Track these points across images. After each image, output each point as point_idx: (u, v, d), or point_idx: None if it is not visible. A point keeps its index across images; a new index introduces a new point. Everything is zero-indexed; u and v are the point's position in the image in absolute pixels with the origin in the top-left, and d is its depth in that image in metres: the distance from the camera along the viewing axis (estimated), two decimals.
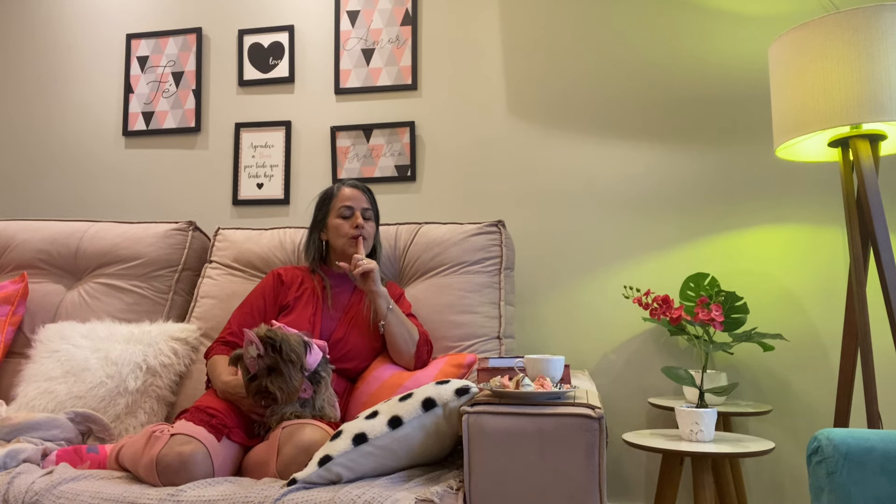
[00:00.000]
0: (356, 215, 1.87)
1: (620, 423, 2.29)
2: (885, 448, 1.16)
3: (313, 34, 2.66)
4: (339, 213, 1.88)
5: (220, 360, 1.72)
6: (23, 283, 2.13)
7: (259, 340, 1.51)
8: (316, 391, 1.60)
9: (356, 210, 1.88)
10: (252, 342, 1.51)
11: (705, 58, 2.36)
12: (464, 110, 2.52)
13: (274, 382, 1.51)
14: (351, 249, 1.85)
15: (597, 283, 2.36)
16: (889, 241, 1.70)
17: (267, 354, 1.51)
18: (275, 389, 1.50)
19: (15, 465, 1.47)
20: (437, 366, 1.77)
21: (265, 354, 1.51)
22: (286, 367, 1.51)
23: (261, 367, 1.51)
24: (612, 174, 2.39)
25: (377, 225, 1.95)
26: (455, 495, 1.26)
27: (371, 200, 1.92)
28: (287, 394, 1.51)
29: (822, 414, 2.17)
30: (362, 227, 1.85)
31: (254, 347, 1.50)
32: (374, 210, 1.93)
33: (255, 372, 1.52)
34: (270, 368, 1.51)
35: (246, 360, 1.53)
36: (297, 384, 1.53)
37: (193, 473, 1.38)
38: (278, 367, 1.51)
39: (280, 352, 1.51)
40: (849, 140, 1.79)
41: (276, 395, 1.50)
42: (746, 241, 2.27)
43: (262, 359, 1.51)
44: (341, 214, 1.88)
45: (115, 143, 2.80)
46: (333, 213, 1.89)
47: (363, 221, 1.87)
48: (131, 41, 2.80)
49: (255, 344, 1.50)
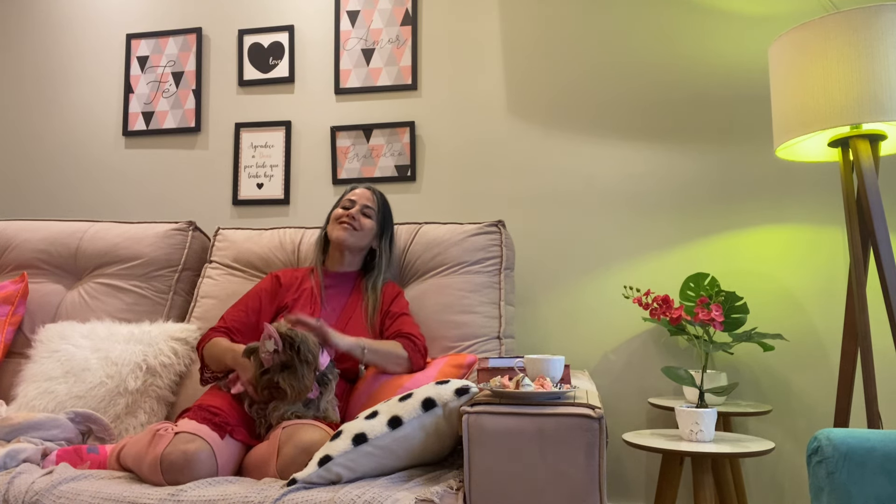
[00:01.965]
0: (354, 208, 1.92)
1: (620, 423, 2.29)
2: (885, 448, 1.16)
3: (313, 34, 2.66)
4: (342, 205, 1.95)
5: (221, 340, 1.74)
6: (23, 283, 2.13)
7: (279, 336, 1.51)
8: (322, 392, 1.61)
9: (357, 204, 1.93)
10: (271, 337, 1.51)
11: (705, 58, 2.36)
12: (464, 110, 2.52)
13: (286, 379, 1.51)
14: (334, 233, 1.90)
15: (597, 284, 2.36)
16: (889, 241, 1.70)
17: (284, 351, 1.52)
18: (286, 386, 1.51)
19: (15, 465, 1.47)
20: (437, 366, 1.77)
21: (283, 351, 1.52)
22: (301, 366, 1.52)
23: (275, 363, 1.52)
24: (612, 174, 2.39)
25: (384, 231, 1.97)
26: (455, 495, 1.26)
27: (379, 203, 1.96)
28: (297, 392, 1.52)
29: (822, 414, 2.17)
30: (353, 218, 1.90)
31: (272, 342, 1.51)
32: (379, 212, 1.95)
33: (269, 367, 1.52)
34: (285, 365, 1.52)
35: (261, 353, 1.53)
36: (308, 384, 1.54)
37: (198, 471, 1.38)
38: (293, 364, 1.52)
39: (298, 351, 1.52)
40: (849, 140, 1.79)
41: (287, 391, 1.51)
42: (746, 241, 2.27)
43: (278, 354, 1.52)
44: (343, 206, 1.94)
45: (115, 143, 2.80)
46: (337, 206, 1.96)
47: (358, 214, 1.91)
48: (131, 41, 2.80)
49: (273, 339, 1.51)
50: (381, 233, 1.96)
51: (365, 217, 1.92)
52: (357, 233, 1.90)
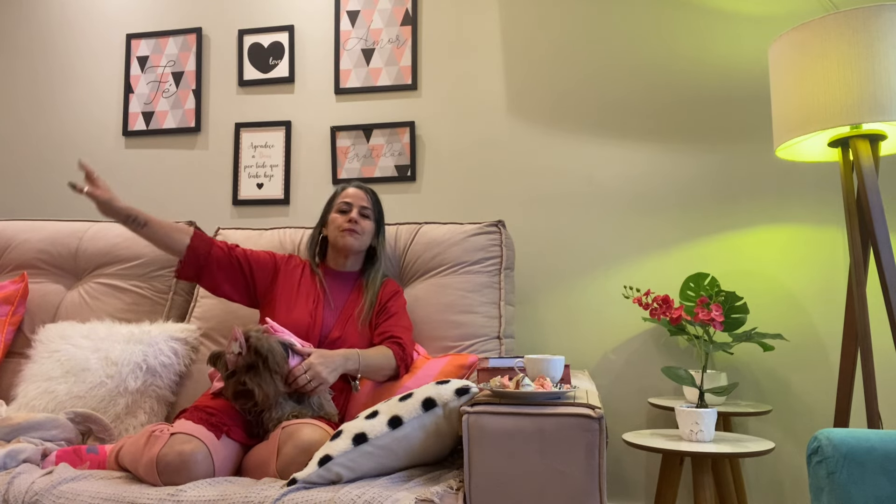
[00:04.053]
0: (353, 211, 1.91)
1: (620, 423, 2.29)
2: (885, 448, 1.16)
3: (313, 34, 2.66)
4: (338, 209, 1.93)
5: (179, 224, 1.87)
6: (23, 283, 2.13)
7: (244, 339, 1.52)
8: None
9: (354, 206, 1.92)
10: (237, 339, 1.52)
11: (705, 58, 2.36)
12: (464, 110, 2.52)
13: (252, 380, 1.52)
14: (341, 241, 1.89)
15: (597, 283, 2.36)
16: (889, 241, 1.70)
17: (249, 354, 1.52)
18: (253, 386, 1.51)
19: (15, 465, 1.47)
20: (438, 366, 1.77)
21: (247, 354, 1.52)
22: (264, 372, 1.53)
23: (240, 365, 1.53)
24: (612, 174, 2.39)
25: (380, 228, 1.97)
26: (455, 495, 1.26)
27: (373, 202, 1.96)
28: (265, 394, 1.52)
29: (822, 414, 2.17)
30: (356, 222, 1.89)
31: (237, 345, 1.52)
32: (374, 211, 1.95)
33: (235, 369, 1.53)
34: (250, 366, 1.53)
35: (226, 355, 1.54)
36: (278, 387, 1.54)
37: (194, 472, 1.38)
38: (258, 367, 1.53)
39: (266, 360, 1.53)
40: (849, 140, 1.79)
41: (255, 391, 1.51)
42: (746, 241, 2.27)
43: (241, 357, 1.53)
44: (339, 209, 1.93)
45: (115, 143, 2.80)
46: (334, 209, 1.95)
47: (359, 218, 1.90)
48: (131, 41, 2.80)
49: (238, 342, 1.52)
50: (378, 230, 1.97)
51: (364, 219, 1.92)
52: (361, 237, 1.91)
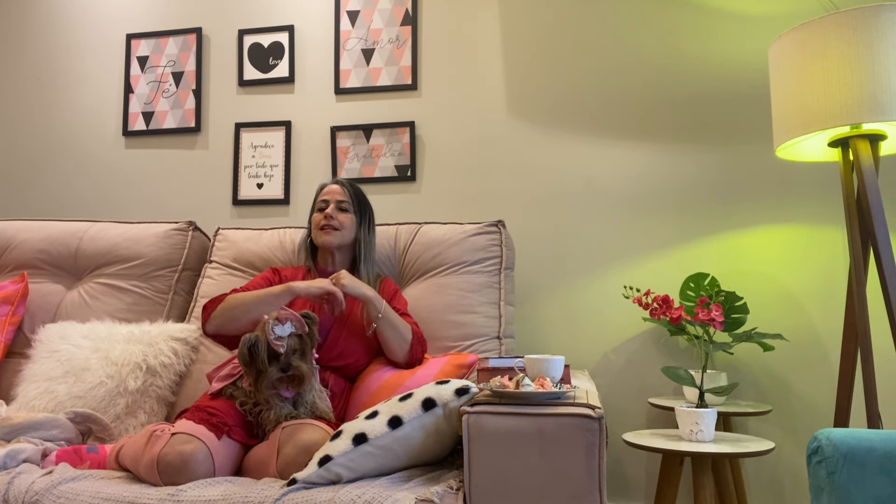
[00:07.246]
0: (329, 207, 1.91)
1: (620, 423, 2.29)
2: (885, 448, 1.16)
3: (313, 34, 2.66)
4: (318, 208, 1.94)
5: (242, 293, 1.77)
6: (23, 283, 2.13)
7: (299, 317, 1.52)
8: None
9: (331, 202, 1.92)
10: (287, 320, 1.50)
11: (705, 58, 2.36)
12: (464, 110, 2.52)
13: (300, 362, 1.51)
14: (319, 239, 1.90)
15: (597, 283, 2.36)
16: (889, 241, 1.70)
17: (303, 333, 1.52)
18: (305, 369, 1.50)
19: (15, 465, 1.46)
20: (438, 365, 1.77)
21: (302, 333, 1.52)
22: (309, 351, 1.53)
23: (289, 348, 1.51)
24: (612, 174, 2.39)
25: (362, 219, 1.95)
26: (455, 495, 1.26)
27: (350, 194, 1.93)
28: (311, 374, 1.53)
29: (822, 414, 2.17)
30: (331, 217, 1.89)
31: (288, 326, 1.50)
32: (354, 203, 1.93)
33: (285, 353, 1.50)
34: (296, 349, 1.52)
35: (273, 341, 1.49)
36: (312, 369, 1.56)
37: (195, 472, 1.38)
38: (305, 348, 1.52)
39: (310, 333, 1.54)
40: (849, 140, 1.79)
41: (306, 374, 1.51)
42: (746, 241, 2.27)
43: (293, 339, 1.51)
44: (318, 208, 1.94)
45: (115, 143, 2.80)
46: (314, 209, 1.96)
47: (336, 212, 1.90)
48: (131, 41, 2.80)
49: (290, 321, 1.50)
50: (360, 221, 1.95)
51: (342, 212, 1.91)
52: (339, 232, 1.90)
